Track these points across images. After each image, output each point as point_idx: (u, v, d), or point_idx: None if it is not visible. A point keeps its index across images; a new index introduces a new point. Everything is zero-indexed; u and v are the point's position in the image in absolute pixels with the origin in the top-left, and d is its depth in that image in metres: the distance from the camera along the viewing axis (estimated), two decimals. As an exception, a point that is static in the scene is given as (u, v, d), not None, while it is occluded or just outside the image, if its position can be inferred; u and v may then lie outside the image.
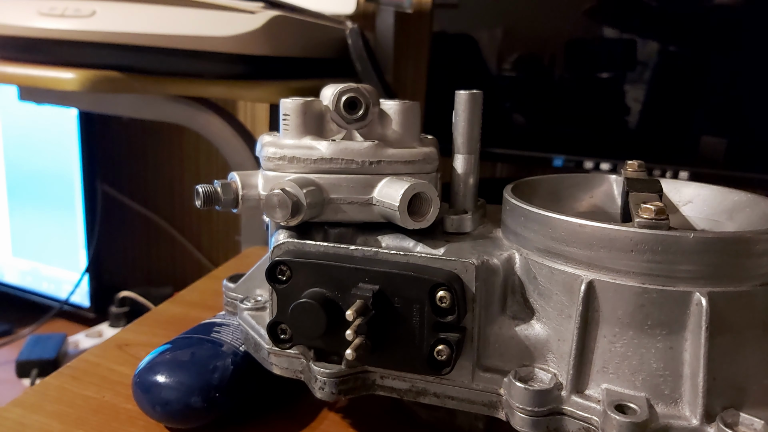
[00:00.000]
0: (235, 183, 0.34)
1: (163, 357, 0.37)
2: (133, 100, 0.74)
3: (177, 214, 1.21)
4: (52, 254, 1.16)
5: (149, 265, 1.26)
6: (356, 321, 0.28)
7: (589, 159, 0.76)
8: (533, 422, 0.28)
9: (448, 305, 0.28)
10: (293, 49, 0.68)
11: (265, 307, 0.36)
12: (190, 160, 1.18)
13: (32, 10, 0.63)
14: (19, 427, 0.36)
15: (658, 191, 0.34)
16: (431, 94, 0.83)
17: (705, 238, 0.26)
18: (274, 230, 0.34)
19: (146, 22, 0.61)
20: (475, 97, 0.34)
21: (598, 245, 0.27)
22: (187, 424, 0.36)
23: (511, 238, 0.32)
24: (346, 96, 0.33)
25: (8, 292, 1.21)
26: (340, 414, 0.39)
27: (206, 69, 0.63)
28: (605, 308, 0.28)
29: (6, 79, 0.64)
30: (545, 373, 0.29)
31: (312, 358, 0.31)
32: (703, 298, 0.26)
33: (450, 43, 0.79)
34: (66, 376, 0.42)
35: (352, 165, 0.32)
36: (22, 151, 1.15)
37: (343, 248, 0.31)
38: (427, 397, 0.31)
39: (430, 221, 0.32)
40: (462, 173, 0.34)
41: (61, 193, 1.12)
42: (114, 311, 1.07)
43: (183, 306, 0.56)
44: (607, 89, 0.75)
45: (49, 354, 0.96)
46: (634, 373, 0.27)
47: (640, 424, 0.25)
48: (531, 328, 0.30)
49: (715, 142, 0.71)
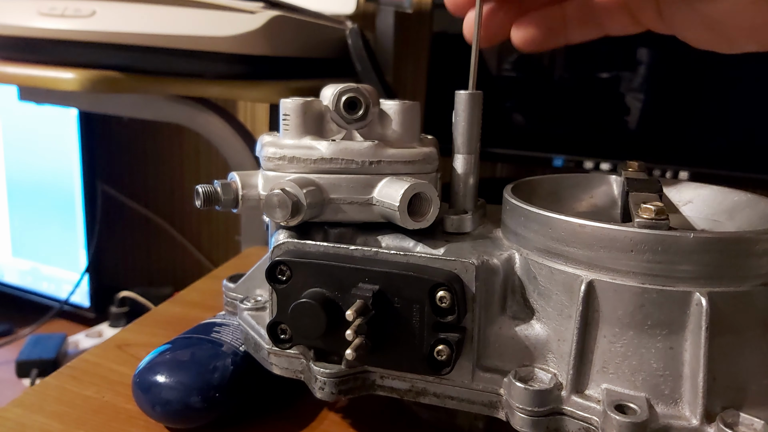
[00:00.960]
0: (235, 183, 0.34)
1: (163, 357, 0.37)
2: (133, 100, 0.74)
3: (177, 214, 1.21)
4: (52, 254, 1.16)
5: (149, 265, 1.26)
6: (356, 321, 0.28)
7: (589, 159, 0.76)
8: (533, 422, 0.28)
9: (448, 305, 0.28)
10: (293, 49, 0.68)
11: (265, 307, 0.36)
12: (190, 160, 1.18)
13: (32, 10, 0.63)
14: (19, 427, 0.36)
15: (658, 191, 0.34)
16: (431, 94, 0.83)
17: (705, 238, 0.26)
18: (274, 230, 0.34)
19: (146, 22, 0.61)
20: (475, 97, 0.34)
21: (598, 245, 0.27)
22: (187, 424, 0.36)
23: (511, 238, 0.32)
24: (346, 96, 0.33)
25: (8, 292, 1.21)
26: (340, 414, 0.39)
27: (206, 69, 0.63)
28: (605, 308, 0.28)
29: (6, 79, 0.64)
30: (545, 373, 0.29)
31: (312, 358, 0.31)
32: (703, 298, 0.26)
33: (450, 43, 0.79)
34: (66, 376, 0.42)
35: (352, 165, 0.32)
36: (22, 151, 1.15)
37: (343, 248, 0.31)
38: (427, 398, 0.31)
39: (430, 221, 0.32)
40: (462, 173, 0.34)
41: (61, 193, 1.12)
42: (114, 311, 1.07)
43: (183, 306, 0.56)
44: (607, 89, 0.75)
45: (49, 354, 0.96)
46: (634, 373, 0.27)
47: (640, 424, 0.25)
48: (531, 328, 0.30)
49: (715, 142, 0.71)
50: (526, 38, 0.36)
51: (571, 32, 0.36)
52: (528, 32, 0.36)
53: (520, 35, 0.36)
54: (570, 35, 0.36)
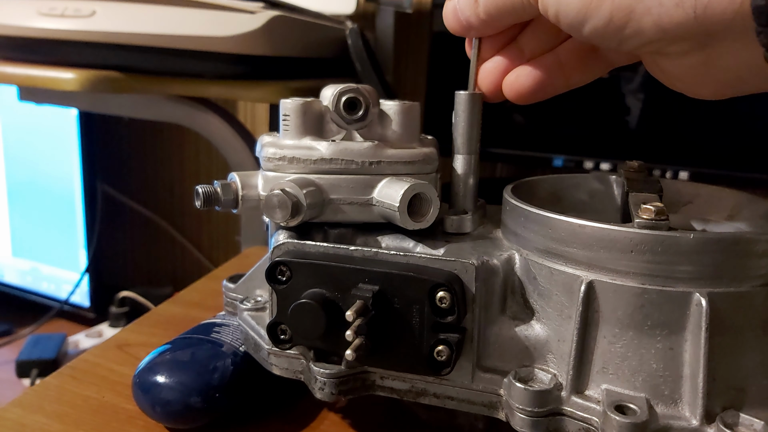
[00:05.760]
0: (234, 183, 0.34)
1: (163, 357, 0.37)
2: (133, 100, 0.74)
3: (177, 214, 1.21)
4: (52, 254, 1.16)
5: (149, 265, 1.26)
6: (356, 321, 0.28)
7: (589, 159, 0.76)
8: (533, 423, 0.28)
9: (448, 306, 0.28)
10: (293, 49, 0.68)
11: (265, 308, 0.36)
12: (190, 160, 1.17)
13: (32, 10, 0.63)
14: (19, 427, 0.36)
15: (658, 191, 0.34)
16: (431, 94, 0.83)
17: (705, 238, 0.26)
18: (274, 230, 0.34)
19: (146, 22, 0.61)
20: (475, 98, 0.34)
21: (598, 246, 0.27)
22: (187, 424, 0.36)
23: (511, 238, 0.32)
24: (346, 96, 0.33)
25: (8, 292, 1.21)
26: (340, 414, 0.39)
27: (206, 69, 0.63)
28: (605, 309, 0.28)
29: (6, 79, 0.64)
30: (545, 374, 0.29)
31: (312, 358, 0.31)
32: (702, 299, 0.26)
33: (450, 43, 0.79)
34: (66, 376, 0.42)
35: (351, 165, 0.32)
36: (22, 151, 1.15)
37: (343, 249, 0.31)
38: (426, 398, 0.31)
39: (430, 222, 0.32)
40: (462, 173, 0.34)
41: (61, 193, 1.11)
42: (114, 311, 1.07)
43: (183, 306, 0.56)
44: (606, 89, 0.75)
45: (49, 354, 0.95)
46: (634, 374, 0.27)
47: (640, 424, 0.25)
48: (531, 328, 0.30)
49: (715, 142, 0.71)
50: (520, 90, 0.33)
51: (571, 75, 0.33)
52: (520, 82, 0.33)
53: (513, 87, 0.33)
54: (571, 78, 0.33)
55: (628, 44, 0.27)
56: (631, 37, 0.26)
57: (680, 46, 0.26)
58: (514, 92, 0.33)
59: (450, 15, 0.33)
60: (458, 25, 0.33)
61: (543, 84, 0.33)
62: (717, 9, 0.23)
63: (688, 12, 0.24)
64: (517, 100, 0.33)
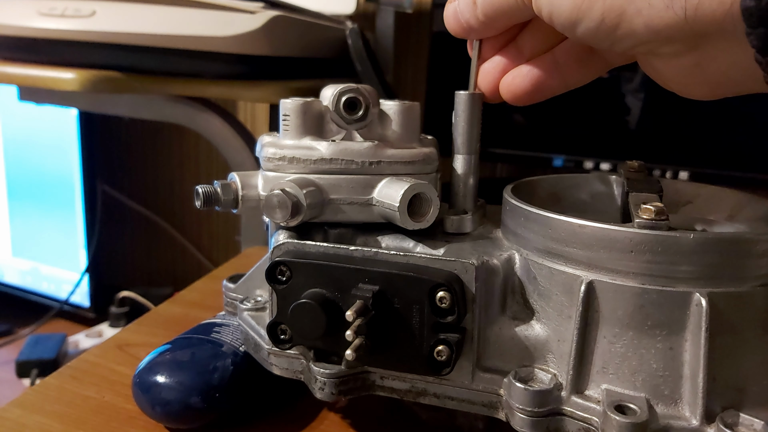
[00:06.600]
0: (234, 183, 0.34)
1: (163, 357, 0.37)
2: (133, 100, 0.74)
3: (177, 214, 1.21)
4: (52, 254, 1.16)
5: (149, 265, 1.26)
6: (356, 321, 0.28)
7: (589, 159, 0.76)
8: (533, 423, 0.28)
9: (448, 306, 0.28)
10: (293, 49, 0.68)
11: (265, 308, 0.36)
12: (190, 160, 1.17)
13: (32, 10, 0.63)
14: (19, 427, 0.36)
15: (658, 191, 0.34)
16: (431, 94, 0.83)
17: (705, 238, 0.26)
18: (274, 230, 0.34)
19: (146, 22, 0.61)
20: (475, 98, 0.34)
21: (598, 246, 0.27)
22: (187, 424, 0.36)
23: (511, 238, 0.32)
24: (346, 96, 0.33)
25: (8, 292, 1.21)
26: (340, 414, 0.39)
27: (206, 69, 0.63)
28: (605, 309, 0.28)
29: (6, 79, 0.64)
30: (545, 374, 0.29)
31: (312, 358, 0.31)
32: (703, 299, 0.26)
33: (450, 43, 0.79)
34: (66, 376, 0.42)
35: (351, 165, 0.32)
36: (22, 151, 1.15)
37: (343, 249, 0.31)
38: (427, 398, 0.31)
39: (430, 222, 0.32)
40: (462, 173, 0.34)
41: (61, 193, 1.11)
42: (114, 311, 1.07)
43: (183, 306, 0.56)
44: (606, 89, 0.75)
45: (49, 354, 0.96)
46: (634, 374, 0.27)
47: (640, 424, 0.25)
48: (531, 328, 0.30)
49: (715, 142, 0.71)
50: (516, 92, 0.33)
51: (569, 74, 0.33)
52: (516, 83, 0.33)
53: (510, 88, 0.33)
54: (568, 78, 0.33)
55: (621, 45, 0.27)
56: (623, 38, 0.26)
57: (672, 47, 0.26)
58: (510, 93, 0.33)
59: (451, 18, 0.33)
60: (459, 27, 0.33)
61: (539, 85, 0.33)
62: (707, 10, 0.23)
63: (678, 13, 0.24)
64: (513, 102, 0.33)
